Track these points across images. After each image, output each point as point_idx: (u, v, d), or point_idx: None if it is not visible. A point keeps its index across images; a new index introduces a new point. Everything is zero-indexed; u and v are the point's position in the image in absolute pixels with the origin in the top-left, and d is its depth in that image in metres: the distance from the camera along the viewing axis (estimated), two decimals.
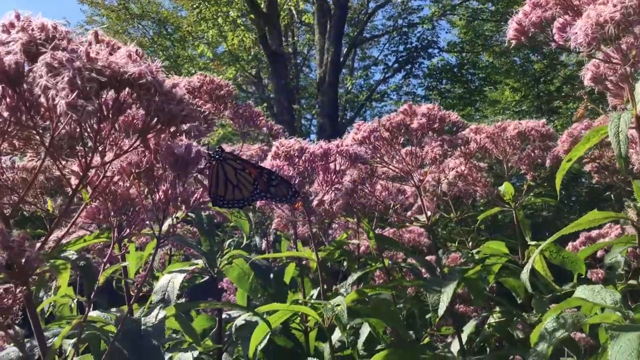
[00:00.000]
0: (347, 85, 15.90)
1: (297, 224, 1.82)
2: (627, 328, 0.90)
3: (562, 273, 1.77)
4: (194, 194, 1.05)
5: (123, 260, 1.48)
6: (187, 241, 1.73)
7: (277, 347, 1.83)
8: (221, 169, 1.10)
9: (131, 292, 1.55)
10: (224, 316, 1.81)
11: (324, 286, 1.62)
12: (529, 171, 1.93)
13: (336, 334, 1.62)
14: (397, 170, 1.65)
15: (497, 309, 1.93)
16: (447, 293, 1.41)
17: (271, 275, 1.78)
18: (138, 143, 0.86)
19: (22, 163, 1.12)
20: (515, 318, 1.85)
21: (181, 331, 1.51)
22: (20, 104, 0.77)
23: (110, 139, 0.85)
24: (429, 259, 2.18)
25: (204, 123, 1.07)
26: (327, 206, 1.58)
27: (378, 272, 2.23)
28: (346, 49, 14.69)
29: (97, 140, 0.82)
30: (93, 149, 0.82)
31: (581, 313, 1.18)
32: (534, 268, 1.65)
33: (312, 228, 1.59)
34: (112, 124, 0.83)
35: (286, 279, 1.93)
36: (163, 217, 1.00)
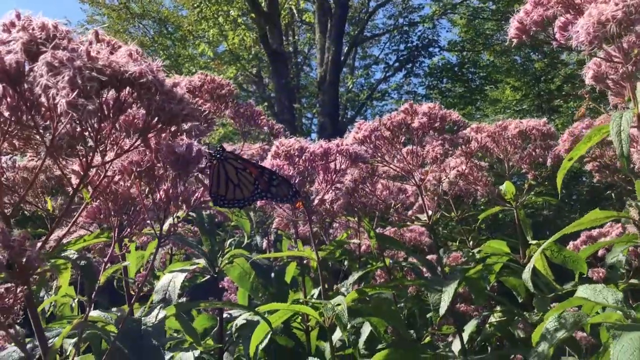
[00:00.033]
0: (348, 84, 15.89)
1: (298, 223, 1.82)
2: (629, 327, 0.90)
3: (563, 272, 1.76)
4: (195, 193, 1.05)
5: (124, 259, 1.48)
6: (188, 241, 1.73)
7: (279, 347, 1.83)
8: (222, 169, 1.10)
9: (131, 292, 1.55)
10: (225, 315, 1.80)
11: (325, 285, 1.62)
12: (530, 170, 1.92)
13: (337, 334, 1.61)
14: (398, 169, 1.65)
15: (498, 308, 1.93)
16: (449, 292, 1.41)
17: (272, 274, 1.78)
18: (139, 142, 0.86)
19: (23, 163, 1.12)
20: (516, 317, 1.85)
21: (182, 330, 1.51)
22: (21, 104, 0.77)
23: (111, 139, 0.85)
24: (430, 258, 2.18)
25: (204, 122, 1.06)
26: (328, 205, 1.58)
27: (379, 272, 2.23)
28: (347, 48, 14.69)
29: (98, 139, 0.81)
30: (94, 149, 0.82)
31: (582, 312, 1.18)
32: (535, 267, 1.65)
33: (313, 227, 1.59)
34: (113, 123, 0.83)
35: (287, 279, 1.93)
36: (164, 217, 1.00)
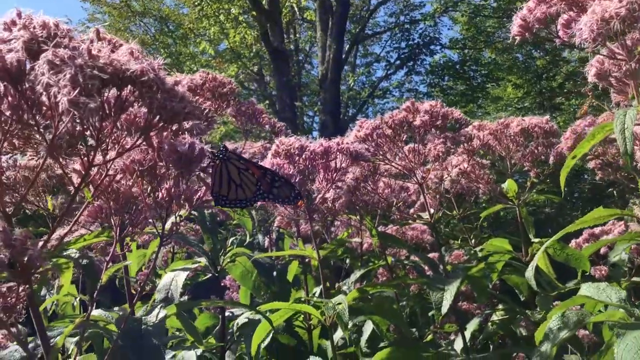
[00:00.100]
0: (349, 82, 15.88)
1: (300, 222, 1.81)
2: (633, 326, 0.90)
3: (565, 270, 1.76)
4: (197, 192, 1.04)
5: (125, 258, 1.48)
6: (190, 240, 1.73)
7: (281, 345, 1.83)
8: (224, 168, 1.10)
9: (132, 291, 1.55)
10: (227, 314, 1.80)
11: (327, 284, 1.62)
12: (533, 168, 1.92)
13: (339, 332, 1.61)
14: (400, 167, 1.65)
15: (501, 307, 1.92)
16: (451, 291, 1.40)
17: (274, 273, 1.78)
18: (140, 141, 0.86)
19: (24, 162, 1.12)
20: (518, 316, 1.84)
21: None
22: (22, 102, 0.76)
23: (112, 137, 0.85)
24: (432, 257, 2.18)
25: (205, 121, 1.06)
26: (330, 204, 1.58)
27: (381, 270, 2.22)
28: (348, 46, 14.67)
29: (99, 138, 0.81)
30: (95, 147, 0.82)
31: (585, 311, 1.18)
32: (537, 265, 1.65)
33: (315, 226, 1.59)
34: (114, 122, 0.82)
35: (289, 277, 1.93)
36: (166, 215, 1.00)
